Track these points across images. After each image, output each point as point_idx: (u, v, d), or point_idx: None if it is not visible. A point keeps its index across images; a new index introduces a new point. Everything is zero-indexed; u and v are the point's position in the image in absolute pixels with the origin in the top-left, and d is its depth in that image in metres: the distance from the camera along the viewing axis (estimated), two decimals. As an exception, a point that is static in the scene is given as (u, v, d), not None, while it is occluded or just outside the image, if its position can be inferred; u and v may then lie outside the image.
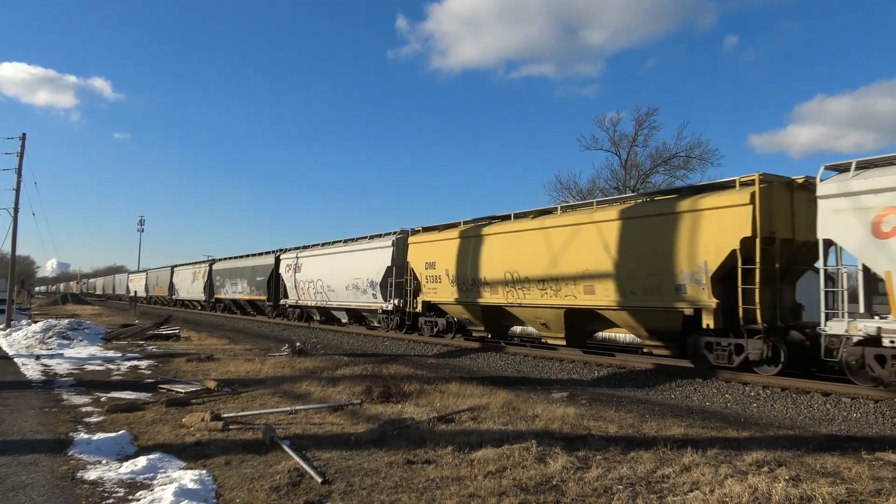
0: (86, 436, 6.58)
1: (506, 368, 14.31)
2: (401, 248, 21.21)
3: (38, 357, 14.44)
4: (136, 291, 60.81)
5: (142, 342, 18.86)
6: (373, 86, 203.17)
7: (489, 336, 18.25)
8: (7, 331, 21.56)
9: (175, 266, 51.88)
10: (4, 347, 16.96)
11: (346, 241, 25.90)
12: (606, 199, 15.87)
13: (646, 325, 13.18)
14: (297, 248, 29.97)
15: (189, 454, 5.92)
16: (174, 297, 51.28)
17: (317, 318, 28.24)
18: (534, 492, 4.76)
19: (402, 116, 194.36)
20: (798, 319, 11.92)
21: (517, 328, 19.47)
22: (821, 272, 10.32)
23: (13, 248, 26.07)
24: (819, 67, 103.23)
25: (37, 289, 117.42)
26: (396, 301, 21.21)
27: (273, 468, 5.40)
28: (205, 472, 5.30)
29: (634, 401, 10.09)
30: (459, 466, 5.41)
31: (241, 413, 7.71)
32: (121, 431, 6.72)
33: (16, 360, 13.91)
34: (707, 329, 11.67)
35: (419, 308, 19.96)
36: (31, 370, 12.26)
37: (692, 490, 4.76)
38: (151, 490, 4.90)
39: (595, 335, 17.04)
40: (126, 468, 5.44)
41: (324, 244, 27.80)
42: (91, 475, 5.29)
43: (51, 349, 16.32)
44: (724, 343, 11.68)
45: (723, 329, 11.64)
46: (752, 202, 11.00)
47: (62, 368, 12.51)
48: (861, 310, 9.84)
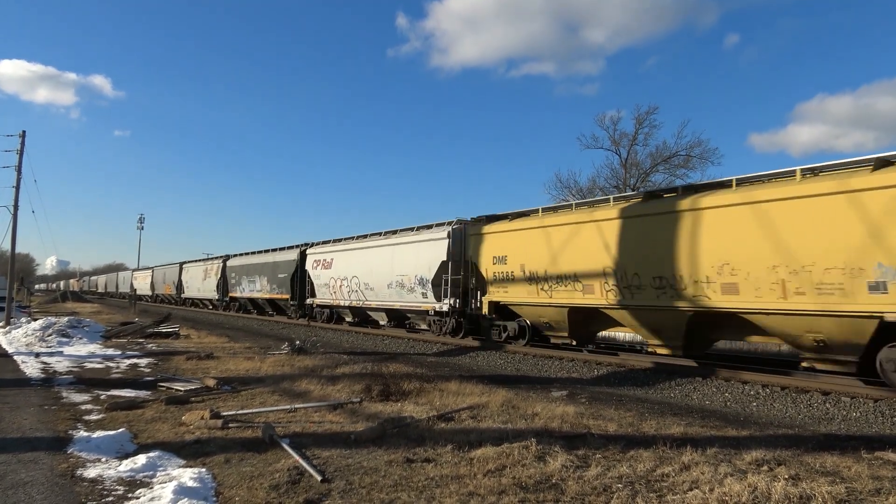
0: (85, 434, 6.58)
1: (505, 367, 14.32)
2: (458, 241, 18.66)
3: (38, 355, 14.45)
4: (141, 289, 59.20)
5: (141, 340, 18.88)
6: (372, 84, 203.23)
7: (573, 343, 15.86)
8: (7, 328, 21.57)
9: (184, 262, 49.09)
10: (4, 345, 16.96)
11: (388, 234, 22.95)
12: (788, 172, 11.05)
13: (827, 334, 10.09)
14: (328, 242, 27.07)
15: (188, 452, 5.92)
16: (183, 296, 48.63)
17: (348, 320, 25.73)
18: (533, 490, 4.76)
19: (402, 115, 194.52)
20: None
21: (613, 333, 17.19)
22: None
23: (13, 246, 26.10)
24: (820, 66, 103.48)
25: (36, 286, 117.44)
26: (452, 301, 18.57)
27: (272, 466, 5.39)
28: (204, 471, 5.30)
29: (634, 399, 10.10)
30: (459, 465, 5.41)
31: (241, 411, 7.72)
32: (120, 429, 6.72)
33: (15, 358, 13.91)
34: None
35: (485, 309, 17.42)
36: (31, 368, 12.26)
37: (692, 489, 4.76)
38: (151, 488, 4.90)
39: (714, 343, 13.86)
40: (125, 466, 5.44)
41: (360, 237, 24.70)
42: (90, 473, 5.29)
43: (50, 347, 16.32)
44: None
45: None
46: None
47: (62, 366, 12.51)
48: None
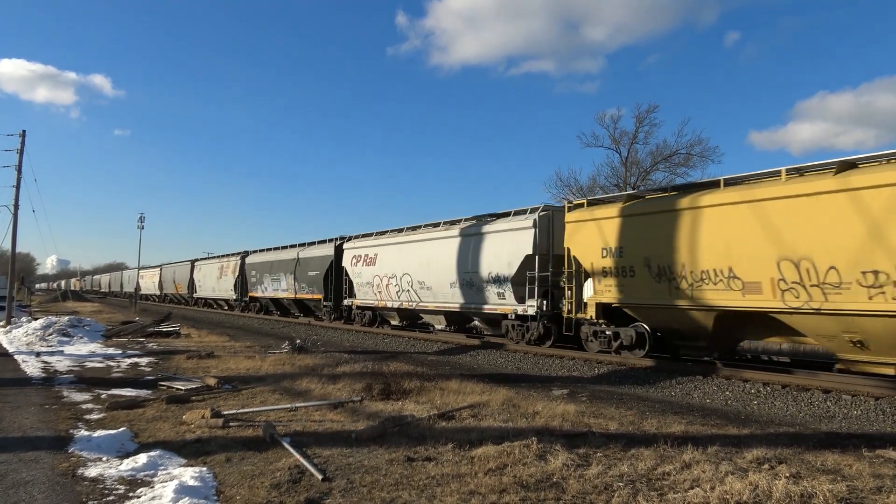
0: (86, 433, 6.59)
1: (506, 366, 14.31)
2: (545, 231, 15.83)
3: (39, 354, 14.46)
4: (148, 289, 57.53)
5: (142, 339, 18.89)
6: (372, 82, 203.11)
7: (714, 357, 12.83)
8: (7, 328, 21.59)
9: (197, 260, 46.16)
10: (5, 344, 16.98)
11: (449, 224, 20.06)
12: None
13: None
14: (369, 235, 24.36)
15: (189, 451, 5.92)
16: (195, 296, 45.48)
17: (394, 323, 22.89)
18: (534, 489, 4.76)
19: (402, 113, 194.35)
20: None
21: (765, 343, 13.97)
22: None
23: (13, 245, 26.12)
24: (820, 64, 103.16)
25: (37, 286, 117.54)
26: (539, 303, 15.66)
27: (273, 465, 5.39)
28: (205, 470, 5.30)
29: (635, 398, 10.10)
30: (460, 464, 5.41)
31: (242, 410, 7.72)
32: (121, 428, 6.73)
33: (16, 357, 13.93)
34: None
35: (590, 312, 14.16)
36: (32, 367, 12.27)
37: (693, 487, 4.76)
38: (152, 487, 4.90)
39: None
40: (126, 465, 5.44)
41: (413, 228, 21.90)
42: (92, 472, 5.30)
43: (51, 346, 16.33)
44: None
45: None
46: None
47: (62, 365, 12.52)
48: None
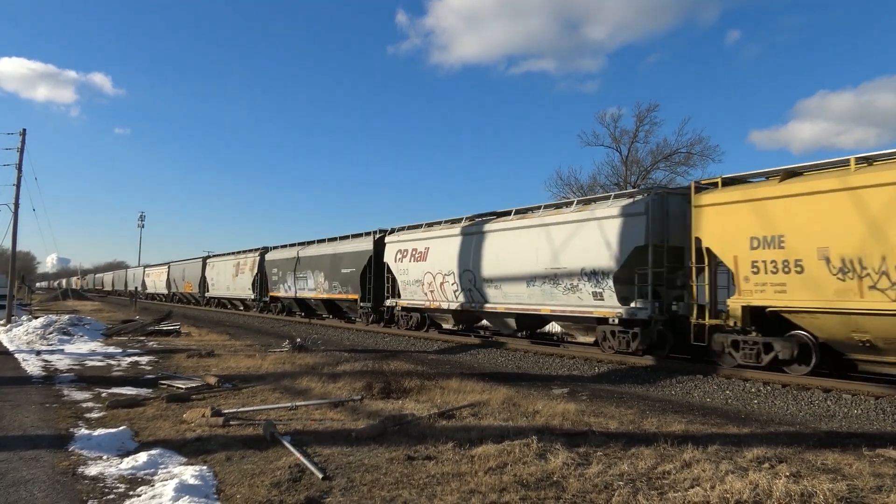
0: (86, 431, 6.59)
1: (506, 365, 14.31)
2: (660, 217, 13.28)
3: (39, 353, 14.46)
4: (155, 288, 55.98)
5: (142, 338, 18.89)
6: (372, 80, 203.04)
7: None
8: (7, 326, 21.59)
9: (209, 257, 43.41)
10: (5, 343, 16.98)
11: (525, 212, 16.82)
12: None
13: None
14: (418, 227, 21.28)
15: (190, 450, 5.92)
16: (207, 295, 42.56)
17: (448, 327, 20.01)
18: (534, 488, 4.76)
19: (402, 111, 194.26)
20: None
21: None
22: None
23: (13, 244, 26.13)
24: (821, 63, 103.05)
25: (37, 284, 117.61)
26: (652, 304, 13.01)
27: (274, 464, 5.40)
28: (205, 468, 5.31)
29: (635, 397, 10.10)
30: (460, 462, 5.41)
31: (242, 409, 7.72)
32: (121, 427, 6.73)
33: (16, 356, 13.93)
34: None
35: (734, 318, 11.53)
36: (32, 366, 12.28)
37: (693, 486, 4.76)
38: (152, 486, 4.90)
39: None
40: (127, 464, 5.44)
41: (475, 218, 18.75)
42: (92, 471, 5.30)
43: (51, 345, 16.33)
44: None
45: None
46: None
47: (63, 364, 12.52)
48: None
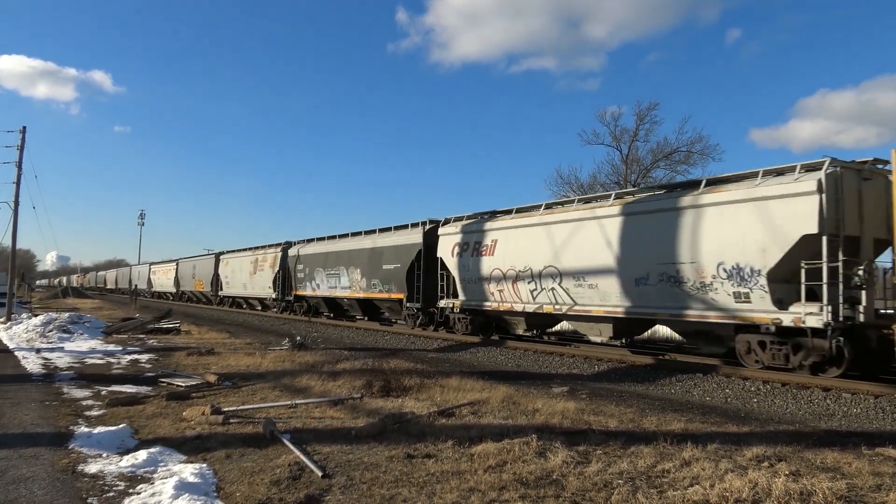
0: (86, 429, 6.59)
1: (506, 363, 14.32)
2: (836, 196, 10.43)
3: (39, 350, 14.46)
4: (162, 286, 54.64)
5: (142, 336, 18.90)
6: (372, 78, 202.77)
7: None
8: (7, 324, 21.60)
9: (223, 253, 41.07)
10: (5, 341, 16.99)
11: (618, 198, 14.17)
12: None
13: None
14: (481, 216, 18.25)
15: (189, 448, 5.92)
16: (221, 294, 40.04)
17: (520, 331, 17.43)
18: (534, 486, 4.77)
19: (402, 109, 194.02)
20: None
21: None
22: None
23: (13, 242, 26.14)
24: (821, 61, 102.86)
25: (37, 282, 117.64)
26: (828, 310, 10.09)
27: (273, 462, 5.40)
28: (205, 466, 5.31)
29: (634, 395, 10.10)
30: (460, 461, 5.42)
31: (242, 407, 7.72)
32: (121, 425, 6.73)
33: (16, 354, 13.94)
34: None
35: None
36: (32, 363, 12.28)
37: (692, 485, 4.76)
38: (152, 483, 4.91)
39: None
40: (127, 462, 5.45)
41: (549, 206, 16.04)
42: (92, 468, 5.31)
43: (51, 343, 16.34)
44: None
45: None
46: None
47: (63, 362, 12.53)
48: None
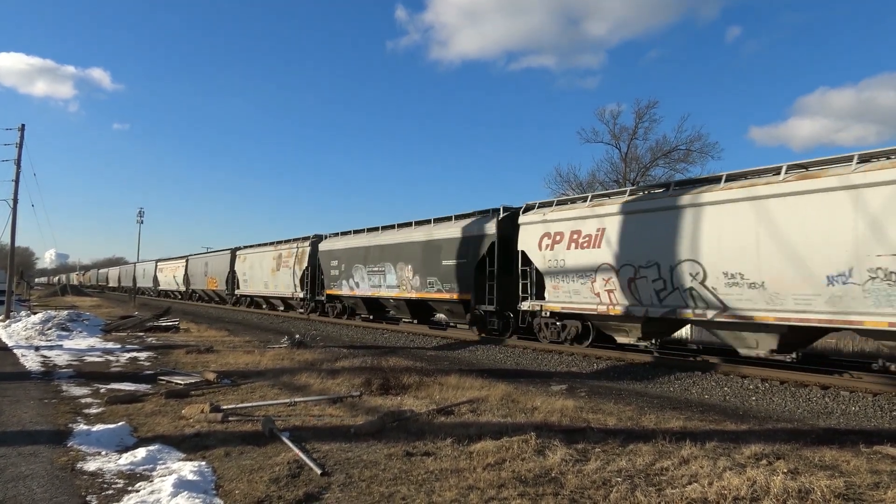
0: (85, 427, 6.58)
1: (505, 361, 14.33)
2: None
3: (38, 348, 14.45)
4: (169, 284, 52.83)
5: (141, 334, 18.88)
6: (371, 76, 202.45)
7: None
8: (6, 322, 21.58)
9: (239, 249, 37.96)
10: (4, 339, 16.97)
11: (802, 169, 10.74)
12: None
13: None
14: (571, 201, 15.23)
15: (188, 446, 5.92)
16: (238, 293, 37.24)
17: (628, 340, 14.10)
18: (533, 484, 4.77)
19: (401, 107, 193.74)
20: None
21: None
22: None
23: (12, 240, 26.08)
24: (821, 59, 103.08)
25: (36, 280, 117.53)
26: None
27: (272, 460, 5.40)
28: (204, 464, 5.31)
29: (633, 393, 10.11)
30: (458, 458, 5.42)
31: (241, 405, 7.72)
32: (120, 423, 6.72)
33: (15, 352, 13.93)
34: None
35: None
36: (31, 361, 12.27)
37: (691, 483, 4.76)
38: (151, 481, 4.90)
39: None
40: (125, 459, 5.44)
41: (680, 185, 12.91)
42: (90, 466, 5.30)
43: (50, 340, 16.33)
44: None
45: None
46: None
47: (61, 360, 12.51)
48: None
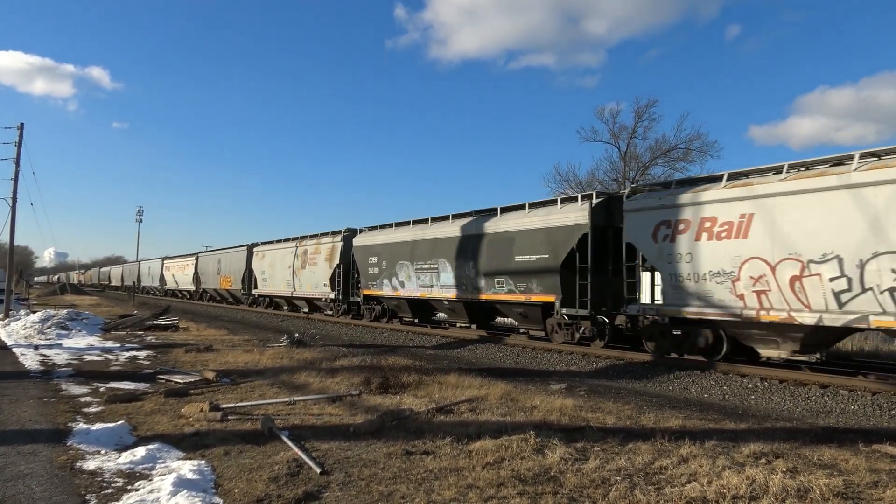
0: (85, 426, 6.58)
1: (504, 360, 14.33)
2: None
3: (37, 347, 14.45)
4: (178, 283, 50.44)
5: (140, 333, 18.87)
6: (370, 75, 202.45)
7: None
8: (6, 321, 21.57)
9: (256, 245, 34.79)
10: (3, 338, 16.96)
11: None
12: None
13: None
14: (703, 182, 12.60)
15: (188, 445, 5.92)
16: (256, 293, 34.20)
17: (779, 353, 11.48)
18: (532, 483, 4.77)
19: (401, 107, 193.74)
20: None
21: None
22: None
23: (11, 239, 26.04)
24: (821, 58, 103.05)
25: (35, 279, 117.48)
26: None
27: (272, 459, 5.40)
28: (203, 463, 5.31)
29: (632, 392, 10.12)
30: (458, 457, 5.42)
31: (240, 404, 7.72)
32: (120, 422, 6.72)
33: (14, 351, 13.92)
34: None
35: None
36: (30, 360, 12.27)
37: (690, 481, 4.77)
38: (150, 480, 4.91)
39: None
40: (125, 458, 5.44)
41: (865, 155, 10.16)
42: (90, 465, 5.30)
43: (49, 339, 16.32)
44: None
45: None
46: None
47: (61, 359, 12.51)
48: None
